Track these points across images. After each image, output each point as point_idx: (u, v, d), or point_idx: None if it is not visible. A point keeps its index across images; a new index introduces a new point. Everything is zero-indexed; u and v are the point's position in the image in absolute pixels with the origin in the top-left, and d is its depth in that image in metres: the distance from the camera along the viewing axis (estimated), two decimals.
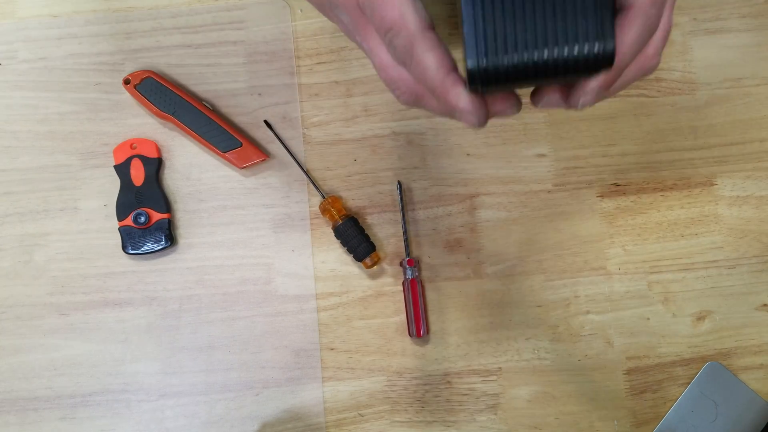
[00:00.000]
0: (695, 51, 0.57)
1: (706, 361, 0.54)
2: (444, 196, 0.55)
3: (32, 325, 0.53)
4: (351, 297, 0.54)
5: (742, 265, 0.55)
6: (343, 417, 0.52)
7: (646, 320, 0.54)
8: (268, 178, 0.55)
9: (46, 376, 0.52)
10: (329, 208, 0.53)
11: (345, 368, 0.53)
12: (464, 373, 0.53)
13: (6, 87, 0.55)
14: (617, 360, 0.54)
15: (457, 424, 0.53)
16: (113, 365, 0.53)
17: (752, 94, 0.56)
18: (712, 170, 0.56)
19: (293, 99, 0.56)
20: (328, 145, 0.55)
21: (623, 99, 0.56)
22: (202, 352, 0.53)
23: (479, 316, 0.54)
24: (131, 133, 0.55)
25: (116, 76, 0.55)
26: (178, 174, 0.55)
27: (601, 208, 0.55)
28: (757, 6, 0.57)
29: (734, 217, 0.55)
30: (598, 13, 0.24)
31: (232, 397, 0.53)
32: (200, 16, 0.56)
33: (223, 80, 0.56)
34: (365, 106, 0.56)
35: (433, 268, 0.54)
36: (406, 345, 0.53)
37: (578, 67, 0.25)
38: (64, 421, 0.52)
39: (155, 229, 0.53)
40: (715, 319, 0.54)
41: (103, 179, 0.54)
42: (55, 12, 0.56)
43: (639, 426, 0.53)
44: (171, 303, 0.53)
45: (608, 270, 0.54)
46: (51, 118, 0.55)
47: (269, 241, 0.54)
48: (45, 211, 0.54)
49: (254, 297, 0.54)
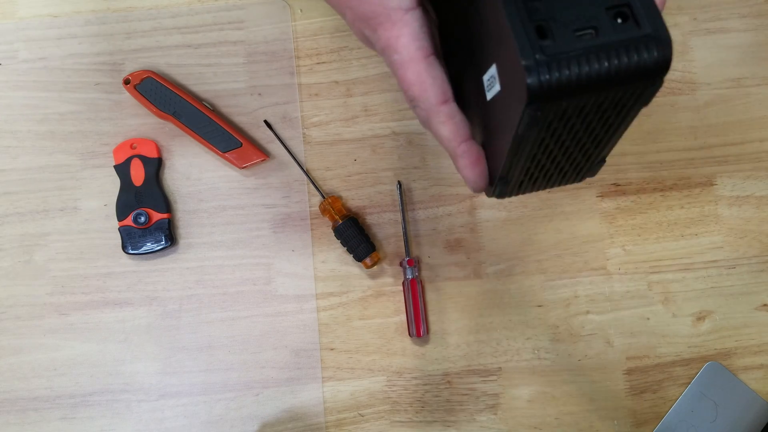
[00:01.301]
0: (695, 51, 0.57)
1: (706, 361, 0.54)
2: (444, 196, 0.55)
3: (32, 325, 0.53)
4: (351, 297, 0.54)
5: (742, 265, 0.55)
6: (343, 417, 0.52)
7: (646, 320, 0.54)
8: (268, 178, 0.55)
9: (46, 376, 0.52)
10: (329, 208, 0.53)
11: (345, 368, 0.53)
12: (464, 373, 0.53)
13: (6, 87, 0.55)
14: (617, 360, 0.54)
15: (457, 424, 0.53)
16: (113, 365, 0.53)
17: (752, 94, 0.56)
18: (712, 170, 0.56)
19: (293, 99, 0.56)
20: (328, 145, 0.55)
21: None
22: (202, 352, 0.53)
23: (479, 316, 0.54)
24: (131, 133, 0.55)
25: (116, 76, 0.55)
26: (178, 174, 0.55)
27: (601, 208, 0.55)
28: (757, 6, 0.57)
29: (734, 217, 0.55)
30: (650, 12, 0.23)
31: (232, 397, 0.53)
32: (200, 16, 0.56)
33: (223, 80, 0.56)
34: (365, 106, 0.56)
35: (433, 268, 0.54)
36: (406, 345, 0.53)
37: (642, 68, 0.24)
38: (64, 421, 0.52)
39: (155, 229, 0.53)
40: (715, 319, 0.54)
41: (103, 179, 0.54)
42: (55, 12, 0.56)
43: (639, 426, 0.53)
44: (171, 303, 0.53)
45: (608, 270, 0.54)
46: (51, 118, 0.55)
47: (269, 241, 0.54)
48: (45, 211, 0.54)
49: (254, 297, 0.54)
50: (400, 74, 0.30)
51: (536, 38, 0.23)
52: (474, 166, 0.31)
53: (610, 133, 0.29)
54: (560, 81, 0.23)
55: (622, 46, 0.23)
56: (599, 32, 0.23)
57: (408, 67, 0.30)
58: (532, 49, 0.23)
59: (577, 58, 0.23)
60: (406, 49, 0.30)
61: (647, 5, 0.23)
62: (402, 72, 0.30)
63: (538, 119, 0.24)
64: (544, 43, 0.23)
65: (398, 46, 0.30)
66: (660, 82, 0.24)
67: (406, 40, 0.30)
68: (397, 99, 0.56)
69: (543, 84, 0.23)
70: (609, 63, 0.23)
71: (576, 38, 0.23)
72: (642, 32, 0.23)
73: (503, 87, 0.26)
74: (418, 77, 0.30)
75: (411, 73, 0.30)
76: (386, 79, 0.56)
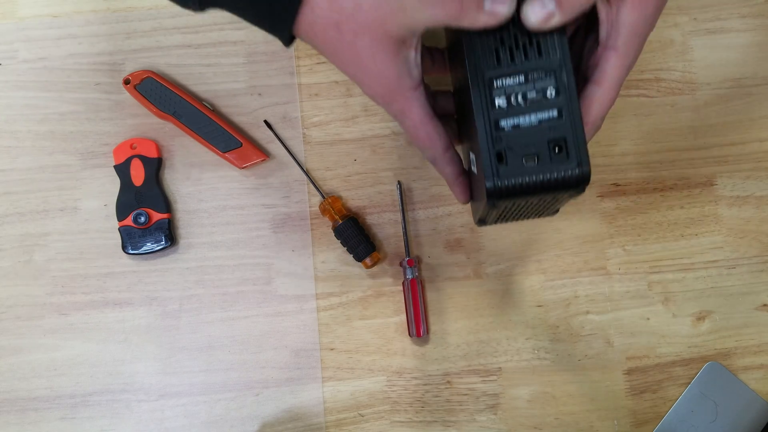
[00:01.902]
0: (695, 51, 0.57)
1: (706, 361, 0.54)
2: (444, 196, 0.55)
3: (32, 325, 0.53)
4: (351, 297, 0.54)
5: (742, 265, 0.55)
6: (343, 417, 0.52)
7: (646, 320, 0.54)
8: (268, 178, 0.55)
9: (46, 376, 0.52)
10: (329, 208, 0.53)
11: (345, 368, 0.53)
12: (464, 373, 0.53)
13: (6, 87, 0.55)
14: (617, 360, 0.54)
15: (457, 424, 0.53)
16: (113, 365, 0.53)
17: (752, 94, 0.56)
18: (712, 170, 0.56)
19: (293, 99, 0.56)
20: (328, 145, 0.55)
21: (623, 99, 0.56)
22: (202, 352, 0.53)
23: (479, 316, 0.54)
24: (131, 133, 0.55)
25: (116, 76, 0.55)
26: (178, 174, 0.55)
27: (601, 208, 0.55)
28: (757, 6, 0.57)
29: (734, 217, 0.55)
30: (579, 148, 0.34)
31: (232, 397, 0.53)
32: (200, 16, 0.56)
33: (223, 80, 0.56)
34: (365, 106, 0.56)
35: (433, 268, 0.54)
36: (406, 345, 0.53)
37: (565, 186, 0.35)
38: (64, 421, 0.52)
39: (155, 229, 0.53)
40: (715, 319, 0.54)
41: (103, 179, 0.54)
42: (55, 12, 0.56)
43: (639, 426, 0.53)
44: (171, 303, 0.53)
45: (608, 270, 0.54)
46: (51, 118, 0.55)
47: (269, 241, 0.54)
48: (45, 211, 0.54)
49: (254, 297, 0.54)
50: (413, 133, 0.40)
51: (497, 163, 0.34)
52: (463, 193, 0.44)
53: (552, 209, 0.41)
54: (508, 189, 0.34)
55: (555, 169, 0.34)
56: (540, 159, 0.34)
57: (419, 128, 0.39)
58: (493, 174, 0.34)
59: (522, 176, 0.34)
60: (418, 116, 0.39)
61: (577, 141, 0.34)
62: (415, 132, 0.40)
63: (496, 206, 0.36)
64: (500, 166, 0.34)
65: (411, 114, 0.39)
66: (582, 189, 0.35)
67: (416, 110, 0.39)
68: None
69: (496, 190, 0.35)
70: (543, 179, 0.34)
71: (523, 163, 0.34)
72: (570, 161, 0.34)
73: (478, 171, 0.37)
74: (428, 135, 0.40)
75: (422, 133, 0.40)
76: None
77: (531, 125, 0.34)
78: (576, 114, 0.34)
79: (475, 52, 0.35)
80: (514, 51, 0.34)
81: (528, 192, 0.35)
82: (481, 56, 0.35)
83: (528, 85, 0.34)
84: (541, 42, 0.34)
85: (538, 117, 0.34)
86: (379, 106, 0.43)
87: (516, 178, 0.34)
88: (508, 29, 0.34)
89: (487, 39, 0.35)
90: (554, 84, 0.34)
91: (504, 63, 0.34)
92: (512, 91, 0.34)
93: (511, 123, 0.34)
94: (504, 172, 0.34)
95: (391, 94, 0.38)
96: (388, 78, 0.37)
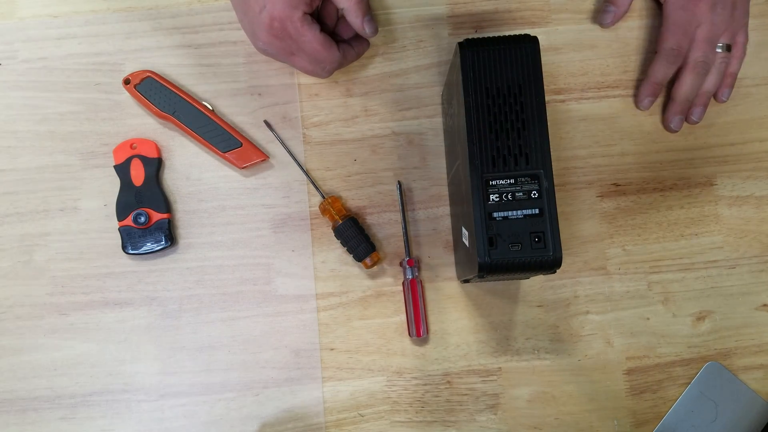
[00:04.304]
0: None
1: (706, 361, 0.54)
2: (444, 196, 0.55)
3: (32, 325, 0.53)
4: (351, 297, 0.54)
5: (742, 265, 0.55)
6: (343, 417, 0.52)
7: (646, 320, 0.54)
8: (268, 178, 0.55)
9: (46, 376, 0.52)
10: (329, 208, 0.53)
11: (345, 368, 0.53)
12: (464, 373, 0.53)
13: (6, 87, 0.55)
14: (617, 360, 0.54)
15: (457, 424, 0.53)
16: (113, 365, 0.53)
17: (752, 94, 0.56)
18: (712, 170, 0.56)
19: (293, 99, 0.56)
20: (328, 145, 0.55)
21: (623, 99, 0.56)
22: (202, 352, 0.53)
23: (479, 316, 0.54)
24: (131, 133, 0.55)
25: (116, 76, 0.55)
26: (178, 174, 0.55)
27: (601, 208, 0.55)
28: (757, 6, 0.57)
29: (734, 217, 0.55)
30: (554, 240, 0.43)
31: (232, 397, 0.53)
32: (200, 16, 0.56)
33: (223, 80, 0.56)
34: (365, 106, 0.56)
35: (433, 268, 0.54)
36: (406, 345, 0.53)
37: (541, 267, 0.43)
38: (64, 421, 0.52)
39: (155, 229, 0.53)
40: (715, 319, 0.54)
41: (103, 179, 0.54)
42: (55, 12, 0.56)
43: (639, 426, 0.53)
44: (171, 303, 0.53)
45: (608, 270, 0.54)
46: (51, 118, 0.55)
47: (269, 241, 0.54)
48: (45, 211, 0.54)
49: (254, 297, 0.54)
50: (313, 47, 0.49)
51: (488, 246, 0.42)
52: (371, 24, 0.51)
53: (525, 277, 0.53)
54: (496, 266, 0.42)
55: (534, 255, 0.42)
56: (523, 245, 0.42)
57: (318, 41, 0.49)
58: (484, 254, 0.42)
59: (508, 257, 0.42)
60: (313, 32, 0.49)
61: (552, 235, 0.42)
62: (313, 45, 0.49)
63: (483, 276, 0.44)
64: (491, 248, 0.42)
65: (309, 32, 0.49)
66: (554, 271, 0.43)
67: (313, 27, 0.49)
68: (397, 99, 0.56)
69: (486, 266, 0.42)
70: (524, 261, 0.42)
71: (509, 247, 0.42)
72: (547, 249, 0.42)
73: (470, 246, 0.44)
74: (324, 46, 0.50)
75: (321, 45, 0.50)
76: (386, 79, 0.56)
77: (517, 218, 0.43)
78: (553, 212, 0.43)
79: (477, 158, 0.43)
80: (507, 158, 0.43)
81: (511, 270, 0.43)
82: (480, 161, 0.43)
83: (516, 186, 0.43)
84: (530, 154, 0.43)
85: (524, 212, 0.43)
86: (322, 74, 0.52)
87: (503, 259, 0.42)
88: (505, 142, 0.43)
89: (487, 148, 0.43)
90: (537, 188, 0.43)
91: (498, 168, 0.43)
92: (504, 190, 0.43)
93: (501, 215, 0.43)
94: (493, 254, 0.42)
95: (290, 14, 0.47)
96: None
